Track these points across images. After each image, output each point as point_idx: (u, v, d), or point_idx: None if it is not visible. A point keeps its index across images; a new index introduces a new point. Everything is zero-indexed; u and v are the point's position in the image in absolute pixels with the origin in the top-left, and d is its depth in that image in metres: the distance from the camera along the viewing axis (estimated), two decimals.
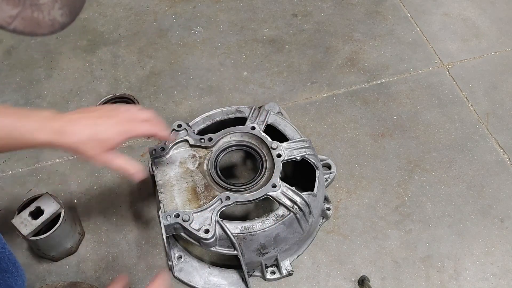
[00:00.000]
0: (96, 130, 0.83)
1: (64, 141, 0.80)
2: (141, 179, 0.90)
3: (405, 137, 1.35)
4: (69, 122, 0.81)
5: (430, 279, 1.10)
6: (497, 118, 1.39)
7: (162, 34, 1.59)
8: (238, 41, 1.58)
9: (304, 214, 1.04)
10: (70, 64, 1.51)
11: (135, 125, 0.89)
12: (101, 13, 1.66)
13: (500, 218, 1.20)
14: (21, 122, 0.78)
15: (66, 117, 0.82)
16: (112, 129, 0.85)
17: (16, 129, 0.77)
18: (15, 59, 1.53)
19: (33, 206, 1.03)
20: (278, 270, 1.10)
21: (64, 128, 0.80)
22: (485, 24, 1.63)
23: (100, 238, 1.17)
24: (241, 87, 1.46)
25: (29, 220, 1.01)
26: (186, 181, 1.06)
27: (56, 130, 0.79)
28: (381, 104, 1.42)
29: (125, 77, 1.48)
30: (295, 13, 1.66)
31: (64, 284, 1.05)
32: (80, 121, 0.82)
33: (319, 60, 1.53)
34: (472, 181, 1.26)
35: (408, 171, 1.28)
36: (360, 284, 1.09)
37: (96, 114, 0.86)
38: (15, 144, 0.78)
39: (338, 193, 1.24)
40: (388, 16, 1.65)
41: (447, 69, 1.51)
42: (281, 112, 1.22)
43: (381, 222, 1.19)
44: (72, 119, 0.82)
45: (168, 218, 0.97)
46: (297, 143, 1.10)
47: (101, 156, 0.85)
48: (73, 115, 0.84)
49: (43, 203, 1.04)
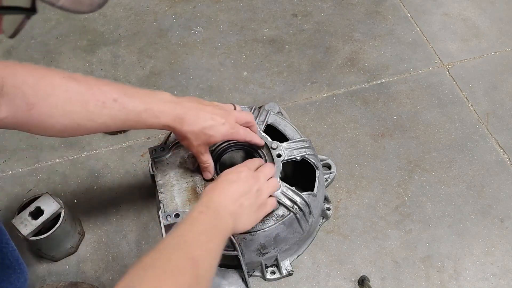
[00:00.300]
0: (210, 124, 0.90)
1: (182, 128, 0.87)
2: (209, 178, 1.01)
3: (405, 137, 1.35)
4: (190, 110, 0.88)
5: (430, 279, 1.10)
6: (497, 118, 1.39)
7: (162, 34, 1.59)
8: (238, 41, 1.58)
9: (304, 214, 1.04)
10: (70, 64, 1.52)
11: (238, 130, 0.96)
12: (101, 13, 1.66)
13: (500, 218, 1.20)
14: (144, 106, 0.83)
15: (186, 104, 0.88)
16: (220, 128, 0.91)
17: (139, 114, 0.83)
18: (15, 59, 1.53)
19: (33, 206, 1.03)
20: (278, 270, 1.10)
21: (185, 116, 0.87)
22: (485, 24, 1.63)
23: (100, 238, 1.17)
24: (241, 87, 1.46)
25: (29, 220, 1.01)
26: (186, 181, 1.06)
27: (178, 117, 0.86)
28: (381, 104, 1.42)
29: (125, 77, 1.48)
30: (295, 13, 1.66)
31: (64, 284, 1.05)
32: (199, 113, 0.89)
33: (319, 60, 1.53)
34: (472, 181, 1.26)
35: (408, 171, 1.28)
36: (360, 284, 1.09)
37: (210, 109, 0.91)
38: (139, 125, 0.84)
39: (338, 193, 1.24)
40: (388, 16, 1.65)
41: (447, 69, 1.51)
42: (281, 112, 1.22)
43: (381, 222, 1.19)
44: (191, 107, 0.88)
45: (168, 218, 0.97)
46: (297, 143, 1.10)
47: (199, 147, 0.93)
48: (191, 103, 0.89)
49: (43, 203, 1.04)
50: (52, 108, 0.76)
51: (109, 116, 0.81)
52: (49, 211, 1.03)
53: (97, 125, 0.81)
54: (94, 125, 0.81)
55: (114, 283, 1.08)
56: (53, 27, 1.61)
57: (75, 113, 0.78)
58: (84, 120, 0.79)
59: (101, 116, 0.80)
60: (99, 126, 0.82)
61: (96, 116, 0.80)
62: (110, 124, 0.82)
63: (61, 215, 1.04)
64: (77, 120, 0.78)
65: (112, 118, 0.81)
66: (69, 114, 0.77)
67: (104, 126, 0.82)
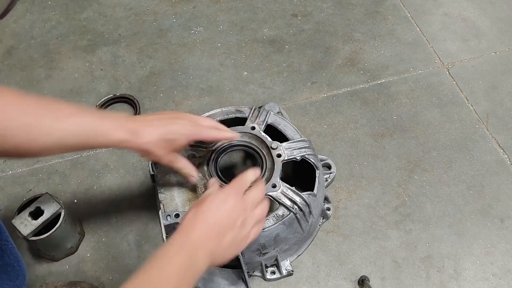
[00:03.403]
0: (166, 130, 0.87)
1: (137, 141, 0.84)
2: (195, 183, 0.98)
3: (405, 137, 1.35)
4: (143, 122, 0.86)
5: (430, 279, 1.10)
6: (497, 118, 1.39)
7: (162, 34, 1.59)
8: (238, 41, 1.58)
9: (304, 214, 1.04)
10: (70, 64, 1.52)
11: (202, 128, 0.92)
12: (101, 13, 1.66)
13: (500, 218, 1.20)
14: (97, 121, 0.81)
15: (140, 119, 0.87)
16: (180, 130, 0.88)
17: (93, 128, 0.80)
18: (15, 59, 1.53)
19: (33, 206, 1.03)
20: (278, 270, 1.10)
21: (138, 128, 0.84)
22: (485, 24, 1.63)
23: (100, 238, 1.17)
24: (241, 87, 1.46)
25: (29, 220, 1.01)
26: (186, 181, 1.06)
27: (131, 130, 0.83)
28: (381, 104, 1.42)
29: (125, 77, 1.48)
30: (295, 13, 1.66)
31: (63, 284, 1.05)
32: (152, 123, 0.86)
33: (319, 60, 1.53)
34: (472, 181, 1.26)
35: (408, 171, 1.28)
36: (360, 284, 1.09)
37: (167, 116, 0.90)
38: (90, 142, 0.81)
39: (338, 193, 1.24)
40: (388, 16, 1.65)
41: (447, 69, 1.51)
42: (281, 112, 1.22)
43: (381, 222, 1.19)
44: (145, 120, 0.87)
45: (168, 218, 0.97)
46: (297, 143, 1.10)
47: (167, 156, 0.90)
48: (146, 117, 0.88)
49: (43, 203, 1.04)
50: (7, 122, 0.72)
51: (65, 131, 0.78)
52: (49, 211, 1.03)
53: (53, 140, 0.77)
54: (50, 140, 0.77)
55: (114, 283, 1.09)
56: (53, 27, 1.61)
57: (30, 126, 0.74)
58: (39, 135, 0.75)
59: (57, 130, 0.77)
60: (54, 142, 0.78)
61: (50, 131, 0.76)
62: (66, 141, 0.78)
63: (61, 215, 1.04)
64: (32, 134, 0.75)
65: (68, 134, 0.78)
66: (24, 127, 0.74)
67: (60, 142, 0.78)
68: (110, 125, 0.82)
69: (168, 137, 0.87)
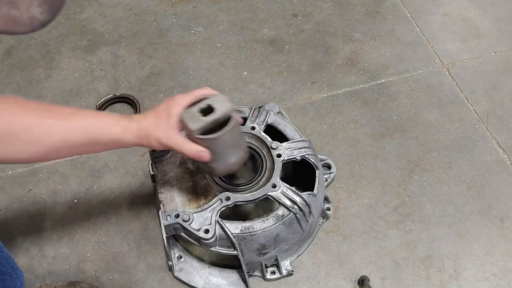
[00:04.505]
0: (158, 110, 0.88)
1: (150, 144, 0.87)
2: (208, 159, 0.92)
3: (405, 137, 1.35)
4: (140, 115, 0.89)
5: (430, 279, 1.10)
6: (497, 118, 1.39)
7: (162, 34, 1.59)
8: (238, 41, 1.58)
9: (304, 214, 1.04)
10: (70, 64, 1.52)
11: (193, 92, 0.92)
12: (101, 13, 1.66)
13: (500, 218, 1.20)
14: (99, 116, 0.85)
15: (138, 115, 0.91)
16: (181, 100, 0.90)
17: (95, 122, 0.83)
18: (15, 59, 1.53)
19: (204, 103, 0.89)
20: (278, 270, 1.10)
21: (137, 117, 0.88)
22: (485, 24, 1.63)
23: (100, 238, 1.17)
24: (241, 87, 1.46)
25: (199, 116, 0.87)
26: (186, 181, 1.06)
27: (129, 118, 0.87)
28: (381, 104, 1.42)
29: (125, 77, 1.48)
30: (295, 13, 1.66)
31: (63, 284, 1.05)
32: (147, 113, 0.89)
33: (319, 60, 1.53)
34: (472, 181, 1.26)
35: (408, 171, 1.28)
36: (360, 284, 1.09)
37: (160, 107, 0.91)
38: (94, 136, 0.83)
39: (338, 193, 1.24)
40: (388, 16, 1.65)
41: (447, 69, 1.51)
42: (281, 112, 1.22)
43: (381, 222, 1.19)
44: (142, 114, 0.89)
45: (168, 218, 0.97)
46: (297, 143, 1.10)
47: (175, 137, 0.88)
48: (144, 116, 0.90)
49: (215, 102, 0.89)
50: (9, 125, 0.73)
51: (68, 127, 0.79)
52: (221, 111, 0.88)
53: (57, 139, 0.78)
54: (53, 140, 0.78)
55: (114, 283, 1.09)
56: (53, 27, 1.61)
57: (33, 127, 0.76)
58: (42, 134, 0.77)
59: (59, 128, 0.78)
60: (59, 141, 0.79)
61: (54, 129, 0.78)
62: (70, 137, 0.80)
63: (232, 118, 0.89)
64: (35, 134, 0.76)
65: (72, 129, 0.79)
66: (27, 130, 0.75)
67: (64, 139, 0.79)
68: (111, 117, 0.85)
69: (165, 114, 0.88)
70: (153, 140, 0.87)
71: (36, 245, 1.15)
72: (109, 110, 1.41)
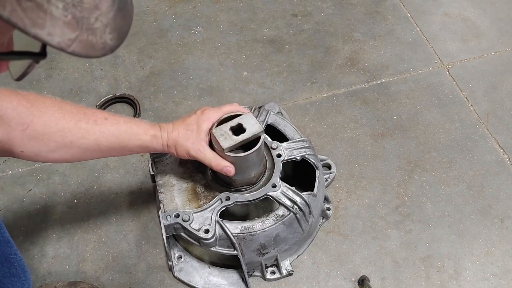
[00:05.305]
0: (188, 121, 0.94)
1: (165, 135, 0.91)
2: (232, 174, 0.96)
3: (405, 137, 1.35)
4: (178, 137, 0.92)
5: (430, 279, 1.10)
6: (497, 118, 1.39)
7: (162, 34, 1.59)
8: (238, 41, 1.58)
9: (304, 214, 1.04)
10: (70, 64, 1.51)
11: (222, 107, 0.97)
12: None
13: (500, 218, 1.20)
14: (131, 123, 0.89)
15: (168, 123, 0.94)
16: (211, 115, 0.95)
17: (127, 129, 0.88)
18: None
19: (235, 121, 0.95)
20: (278, 270, 1.09)
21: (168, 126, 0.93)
22: (485, 24, 1.63)
23: (100, 238, 1.17)
24: (241, 87, 1.46)
25: (230, 135, 0.93)
26: (186, 181, 1.06)
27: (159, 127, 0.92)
28: (381, 104, 1.42)
29: (125, 77, 1.48)
30: (295, 13, 1.66)
31: (63, 284, 1.05)
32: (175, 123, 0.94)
33: (319, 60, 1.53)
34: (472, 181, 1.26)
35: (408, 171, 1.28)
36: (360, 284, 1.09)
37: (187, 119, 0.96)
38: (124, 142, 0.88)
39: (338, 193, 1.24)
40: (388, 16, 1.65)
41: (447, 69, 1.51)
42: (281, 112, 1.22)
43: (381, 222, 1.19)
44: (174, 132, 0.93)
45: (168, 218, 0.97)
46: (297, 143, 1.10)
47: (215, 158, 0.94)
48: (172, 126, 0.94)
49: (245, 121, 0.95)
50: (46, 126, 0.78)
51: (101, 132, 0.83)
52: (251, 131, 0.94)
53: (89, 142, 0.83)
54: (86, 143, 0.82)
55: (114, 283, 1.09)
56: None
57: (68, 130, 0.80)
58: (76, 137, 0.81)
59: (93, 132, 0.83)
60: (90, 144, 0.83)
61: (88, 133, 0.82)
62: (102, 141, 0.84)
63: (260, 139, 0.95)
64: (70, 137, 0.80)
65: (104, 134, 0.84)
66: (62, 132, 0.79)
67: (96, 144, 0.84)
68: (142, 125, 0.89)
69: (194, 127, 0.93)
70: (181, 150, 0.92)
71: (36, 245, 1.15)
72: (109, 110, 1.41)
